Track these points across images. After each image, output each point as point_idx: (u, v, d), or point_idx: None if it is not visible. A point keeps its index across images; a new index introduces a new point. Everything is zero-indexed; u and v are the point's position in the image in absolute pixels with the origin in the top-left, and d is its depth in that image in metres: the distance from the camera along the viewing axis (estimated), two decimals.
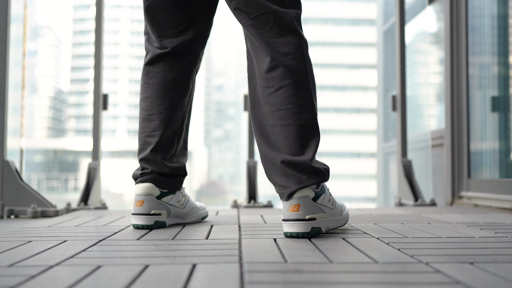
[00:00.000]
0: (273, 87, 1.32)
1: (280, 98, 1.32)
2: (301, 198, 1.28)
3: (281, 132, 1.31)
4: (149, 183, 1.50)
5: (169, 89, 1.54)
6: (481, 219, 1.76)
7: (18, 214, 2.14)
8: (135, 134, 20.63)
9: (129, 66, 35.49)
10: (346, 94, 26.70)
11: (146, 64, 1.56)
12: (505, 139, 2.65)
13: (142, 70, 1.57)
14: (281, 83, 1.32)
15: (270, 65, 1.32)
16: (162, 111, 1.53)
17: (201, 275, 0.86)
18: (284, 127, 1.31)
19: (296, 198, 1.29)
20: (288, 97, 1.31)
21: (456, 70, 2.76)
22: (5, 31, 2.18)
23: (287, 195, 1.30)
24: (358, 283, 0.81)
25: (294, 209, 1.28)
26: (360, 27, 26.70)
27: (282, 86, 1.32)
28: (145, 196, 1.49)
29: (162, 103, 1.53)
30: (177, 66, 1.55)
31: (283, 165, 1.30)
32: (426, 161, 3.38)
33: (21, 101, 2.63)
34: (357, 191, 27.44)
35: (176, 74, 1.56)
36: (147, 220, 1.48)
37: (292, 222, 1.28)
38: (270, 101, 1.33)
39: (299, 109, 1.31)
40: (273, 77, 1.32)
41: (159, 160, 1.53)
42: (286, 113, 1.31)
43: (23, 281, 0.82)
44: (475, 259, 0.99)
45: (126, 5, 28.64)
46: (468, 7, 2.74)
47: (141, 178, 1.51)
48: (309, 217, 1.28)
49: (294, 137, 1.31)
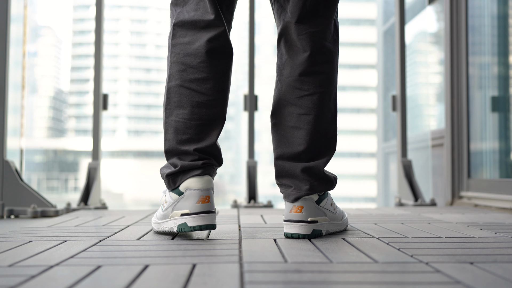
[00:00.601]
0: (308, 90, 1.33)
1: (313, 103, 1.32)
2: (305, 200, 1.29)
3: (305, 137, 1.31)
4: (209, 176, 1.31)
5: (228, 75, 1.37)
6: (481, 219, 1.76)
7: (18, 214, 2.14)
8: (135, 134, 20.60)
9: (129, 66, 35.29)
10: (346, 94, 26.66)
11: (210, 41, 1.31)
12: (505, 139, 2.65)
13: (201, 46, 1.31)
14: (316, 89, 1.33)
15: (310, 69, 1.33)
16: (224, 98, 1.35)
17: (201, 275, 0.85)
18: (309, 132, 1.31)
19: (301, 200, 1.29)
20: (320, 104, 1.33)
21: (456, 70, 2.76)
22: (5, 31, 2.18)
23: (294, 198, 1.30)
24: (358, 283, 0.81)
25: (297, 210, 1.28)
26: (360, 27, 26.62)
27: (317, 92, 1.33)
28: (210, 191, 1.29)
29: (224, 89, 1.35)
30: (229, 48, 1.36)
31: (297, 168, 1.31)
32: (426, 161, 3.38)
33: (21, 101, 2.63)
34: (357, 191, 27.33)
35: (230, 55, 1.37)
36: (210, 219, 1.27)
37: (294, 223, 1.28)
38: (300, 103, 1.33)
39: (329, 119, 1.34)
40: (309, 81, 1.33)
41: (219, 153, 1.35)
42: (315, 119, 1.32)
43: (23, 281, 0.82)
44: (475, 259, 0.99)
45: (126, 5, 28.56)
46: (468, 7, 2.74)
47: (203, 169, 1.29)
48: (311, 220, 1.28)
49: (316, 145, 1.32)
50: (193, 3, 1.34)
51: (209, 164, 1.31)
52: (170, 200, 1.32)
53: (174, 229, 1.29)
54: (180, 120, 1.31)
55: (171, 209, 1.31)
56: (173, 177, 1.31)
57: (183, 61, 1.32)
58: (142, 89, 30.21)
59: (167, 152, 1.33)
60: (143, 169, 25.95)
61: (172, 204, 1.31)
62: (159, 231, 1.37)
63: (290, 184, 1.31)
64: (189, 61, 1.32)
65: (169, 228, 1.32)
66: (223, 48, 1.34)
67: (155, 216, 1.41)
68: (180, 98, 1.32)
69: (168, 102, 1.33)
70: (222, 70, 1.34)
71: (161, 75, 40.13)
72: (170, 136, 1.32)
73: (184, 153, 1.30)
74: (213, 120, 1.32)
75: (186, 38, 1.33)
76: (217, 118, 1.33)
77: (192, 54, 1.31)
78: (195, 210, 1.26)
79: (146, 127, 30.31)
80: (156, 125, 37.02)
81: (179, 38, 1.34)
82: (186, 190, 1.28)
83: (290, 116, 1.34)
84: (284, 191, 1.33)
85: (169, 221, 1.32)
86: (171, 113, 1.32)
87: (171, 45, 1.35)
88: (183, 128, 1.31)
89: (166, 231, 1.33)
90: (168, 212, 1.32)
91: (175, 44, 1.34)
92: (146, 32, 33.22)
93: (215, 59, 1.32)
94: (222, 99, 1.34)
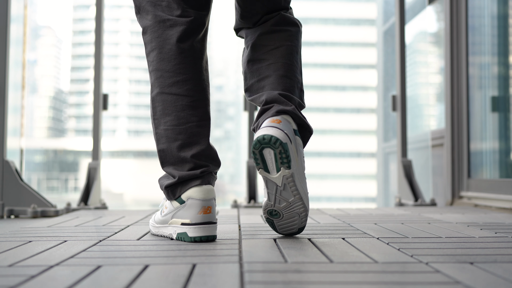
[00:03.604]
0: (274, 45, 1.34)
1: (281, 53, 1.33)
2: (284, 118, 1.25)
3: (276, 80, 1.32)
4: (211, 185, 1.27)
5: (204, 70, 1.32)
6: (481, 219, 1.76)
7: (18, 214, 2.14)
8: (135, 134, 20.66)
9: (129, 66, 35.20)
10: (346, 94, 26.65)
11: (180, 41, 1.27)
12: (505, 139, 2.65)
13: (172, 48, 1.27)
14: (283, 42, 1.34)
15: (274, 28, 1.36)
16: (206, 96, 1.31)
17: (201, 275, 0.85)
18: (279, 77, 1.32)
19: (280, 117, 1.25)
20: (289, 55, 1.34)
21: (456, 70, 2.76)
22: (5, 31, 2.18)
23: (275, 111, 1.25)
24: (358, 283, 0.81)
25: (275, 121, 1.23)
26: (360, 27, 26.62)
27: (284, 45, 1.34)
28: (212, 201, 1.25)
29: (204, 87, 1.31)
30: (204, 43, 1.33)
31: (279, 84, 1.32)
32: (426, 161, 3.38)
33: (21, 101, 2.63)
34: (357, 191, 27.33)
35: (205, 51, 1.34)
36: (211, 230, 1.24)
37: (269, 128, 1.22)
38: (268, 56, 1.34)
39: (297, 69, 1.35)
40: (276, 37, 1.35)
41: (215, 155, 1.30)
42: (284, 66, 1.33)
43: (23, 281, 0.82)
44: (475, 259, 0.99)
45: (126, 5, 28.57)
46: (468, 7, 2.74)
47: (203, 179, 1.25)
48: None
49: (288, 86, 1.32)
50: (157, 6, 1.30)
51: (208, 172, 1.27)
52: (170, 206, 1.29)
53: (173, 236, 1.28)
54: (169, 128, 1.27)
55: (171, 216, 1.29)
56: (172, 188, 1.27)
57: (158, 67, 1.28)
58: (142, 89, 30.19)
59: (163, 163, 1.29)
60: (143, 169, 25.98)
61: (172, 211, 1.28)
62: (156, 234, 1.36)
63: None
64: (163, 66, 1.28)
65: (168, 234, 1.30)
66: (197, 44, 1.30)
67: (153, 219, 1.39)
68: (164, 105, 1.27)
69: (154, 112, 1.29)
70: (199, 68, 1.30)
71: None
72: (163, 146, 1.28)
73: (180, 161, 1.26)
74: (201, 121, 1.28)
75: (153, 43, 1.29)
76: (203, 118, 1.29)
77: (165, 59, 1.27)
78: (196, 221, 1.23)
79: (146, 127, 30.19)
80: None
81: (148, 45, 1.30)
82: (188, 199, 1.24)
83: (261, 70, 1.34)
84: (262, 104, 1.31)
85: (168, 227, 1.30)
86: (159, 123, 1.29)
87: (146, 56, 1.32)
88: (173, 135, 1.26)
89: (165, 236, 1.32)
90: (167, 218, 1.30)
91: (148, 54, 1.31)
92: None
93: (190, 57, 1.29)
94: (204, 97, 1.31)
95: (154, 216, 1.39)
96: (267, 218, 1.29)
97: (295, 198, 1.23)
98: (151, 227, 1.40)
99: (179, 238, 1.26)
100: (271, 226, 1.31)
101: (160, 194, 1.38)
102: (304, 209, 1.25)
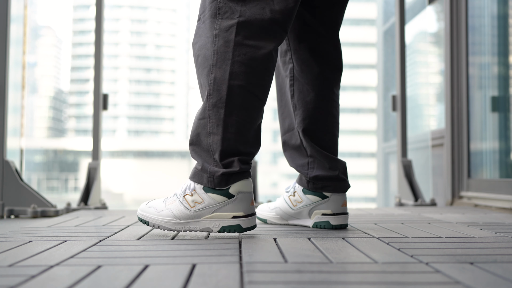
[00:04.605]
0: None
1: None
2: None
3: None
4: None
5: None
6: (481, 219, 1.76)
7: (18, 214, 2.14)
8: (135, 134, 20.58)
9: (129, 66, 35.36)
10: (346, 94, 26.70)
11: (275, 51, 1.36)
12: (505, 139, 2.65)
13: (267, 53, 1.32)
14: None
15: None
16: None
17: (201, 275, 0.85)
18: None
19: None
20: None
21: (456, 70, 2.76)
22: (5, 31, 2.18)
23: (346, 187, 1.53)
24: (358, 283, 0.81)
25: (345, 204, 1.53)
26: (360, 27, 26.70)
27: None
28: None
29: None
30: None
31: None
32: (426, 161, 3.38)
33: (21, 101, 2.63)
34: (357, 191, 27.42)
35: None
36: (256, 220, 1.36)
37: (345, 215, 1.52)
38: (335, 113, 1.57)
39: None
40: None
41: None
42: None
43: (23, 281, 0.82)
44: (475, 259, 0.99)
45: (126, 5, 28.62)
46: (468, 7, 2.74)
47: (249, 172, 1.34)
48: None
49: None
50: (258, 5, 1.32)
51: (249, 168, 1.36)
52: (209, 200, 1.30)
53: (214, 229, 1.29)
54: (241, 121, 1.30)
55: (211, 210, 1.29)
56: (226, 176, 1.29)
57: (250, 64, 1.30)
58: (142, 89, 30.06)
59: (224, 151, 1.30)
60: (143, 169, 25.95)
61: (213, 206, 1.29)
62: (179, 230, 1.33)
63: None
64: (254, 65, 1.31)
65: (202, 228, 1.30)
66: (277, 58, 1.42)
67: (171, 216, 1.34)
68: (243, 100, 1.30)
69: (228, 100, 1.29)
70: (271, 80, 1.38)
71: (161, 75, 40.35)
72: (230, 136, 1.30)
73: (244, 154, 1.31)
74: (260, 126, 1.37)
75: (251, 41, 1.31)
76: (261, 124, 1.38)
77: (259, 59, 1.31)
78: (249, 212, 1.31)
79: (146, 127, 30.13)
80: (156, 125, 37.02)
81: (245, 39, 1.31)
82: (238, 193, 1.29)
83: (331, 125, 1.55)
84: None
85: (204, 221, 1.30)
86: (231, 112, 1.29)
87: (235, 43, 1.30)
88: (244, 131, 1.31)
89: (195, 231, 1.31)
90: (204, 213, 1.30)
91: (240, 43, 1.30)
92: (146, 32, 33.16)
93: (273, 69, 1.36)
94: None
95: (173, 212, 1.34)
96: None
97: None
98: (169, 224, 1.34)
99: (227, 230, 1.29)
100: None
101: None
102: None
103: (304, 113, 1.52)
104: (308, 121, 1.51)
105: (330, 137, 1.54)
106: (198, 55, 1.35)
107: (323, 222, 1.48)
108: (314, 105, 1.52)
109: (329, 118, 1.54)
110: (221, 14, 1.32)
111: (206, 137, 1.31)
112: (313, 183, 1.51)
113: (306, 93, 1.52)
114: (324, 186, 1.50)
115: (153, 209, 1.36)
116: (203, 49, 1.33)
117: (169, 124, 48.41)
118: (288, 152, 1.59)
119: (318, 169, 1.51)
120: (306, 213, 1.52)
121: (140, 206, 1.40)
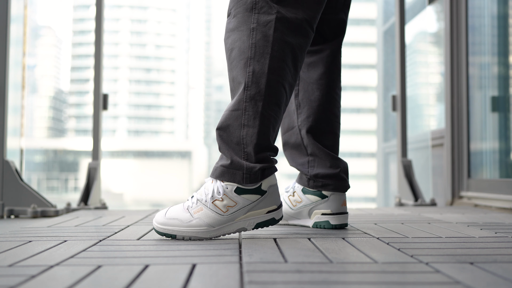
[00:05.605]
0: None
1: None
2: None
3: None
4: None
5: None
6: (481, 219, 1.76)
7: (18, 214, 2.14)
8: (135, 134, 20.61)
9: (129, 66, 35.26)
10: (346, 94, 26.66)
11: (306, 55, 1.44)
12: (505, 139, 2.65)
13: (303, 53, 1.35)
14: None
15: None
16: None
17: (201, 275, 0.86)
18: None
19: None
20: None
21: (456, 70, 2.76)
22: (5, 31, 2.18)
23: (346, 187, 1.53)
24: (358, 283, 0.81)
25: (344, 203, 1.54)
26: (360, 27, 26.69)
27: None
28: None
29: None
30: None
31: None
32: (426, 161, 3.38)
33: (21, 101, 2.63)
34: (357, 191, 27.43)
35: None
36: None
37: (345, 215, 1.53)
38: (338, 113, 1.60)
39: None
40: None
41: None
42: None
43: (23, 281, 0.82)
44: (475, 259, 0.99)
45: (126, 5, 28.56)
46: (468, 7, 2.74)
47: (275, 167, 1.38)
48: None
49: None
50: (292, 4, 1.33)
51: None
52: (243, 202, 1.27)
53: (248, 228, 1.29)
54: (274, 117, 1.30)
55: (245, 211, 1.27)
56: (261, 171, 1.28)
57: (286, 61, 1.31)
58: (142, 89, 29.99)
59: (259, 145, 1.28)
60: (143, 169, 25.90)
61: (247, 206, 1.27)
62: (212, 237, 1.28)
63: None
64: (290, 63, 1.31)
65: (235, 229, 1.28)
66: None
67: (203, 225, 1.27)
68: (278, 96, 1.30)
69: (267, 93, 1.28)
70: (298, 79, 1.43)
71: (161, 75, 40.09)
72: (266, 130, 1.29)
73: (273, 150, 1.32)
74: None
75: (289, 38, 1.31)
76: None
77: (294, 57, 1.32)
78: (280, 203, 1.33)
79: (146, 127, 30.05)
80: (156, 125, 36.93)
81: (283, 35, 1.31)
82: (269, 188, 1.30)
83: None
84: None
85: (238, 222, 1.28)
86: (268, 106, 1.29)
87: (274, 38, 1.29)
88: (276, 127, 1.32)
89: (228, 233, 1.28)
90: (238, 214, 1.27)
91: (279, 39, 1.30)
92: (146, 32, 33.08)
93: (300, 69, 1.38)
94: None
95: (204, 220, 1.27)
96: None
97: None
98: (200, 233, 1.27)
99: (261, 226, 1.30)
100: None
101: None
102: None
103: (308, 111, 1.53)
104: (312, 118, 1.52)
105: (332, 136, 1.54)
106: (231, 49, 1.32)
107: (323, 222, 1.48)
108: (318, 104, 1.52)
109: (332, 118, 1.54)
110: (258, 9, 1.30)
111: (238, 129, 1.28)
112: (313, 181, 1.50)
113: (311, 92, 1.53)
114: (325, 184, 1.50)
115: (177, 220, 1.27)
116: (238, 42, 1.31)
117: (169, 124, 48.35)
118: (288, 151, 1.59)
119: (318, 167, 1.51)
120: (306, 213, 1.52)
121: (156, 219, 1.29)
